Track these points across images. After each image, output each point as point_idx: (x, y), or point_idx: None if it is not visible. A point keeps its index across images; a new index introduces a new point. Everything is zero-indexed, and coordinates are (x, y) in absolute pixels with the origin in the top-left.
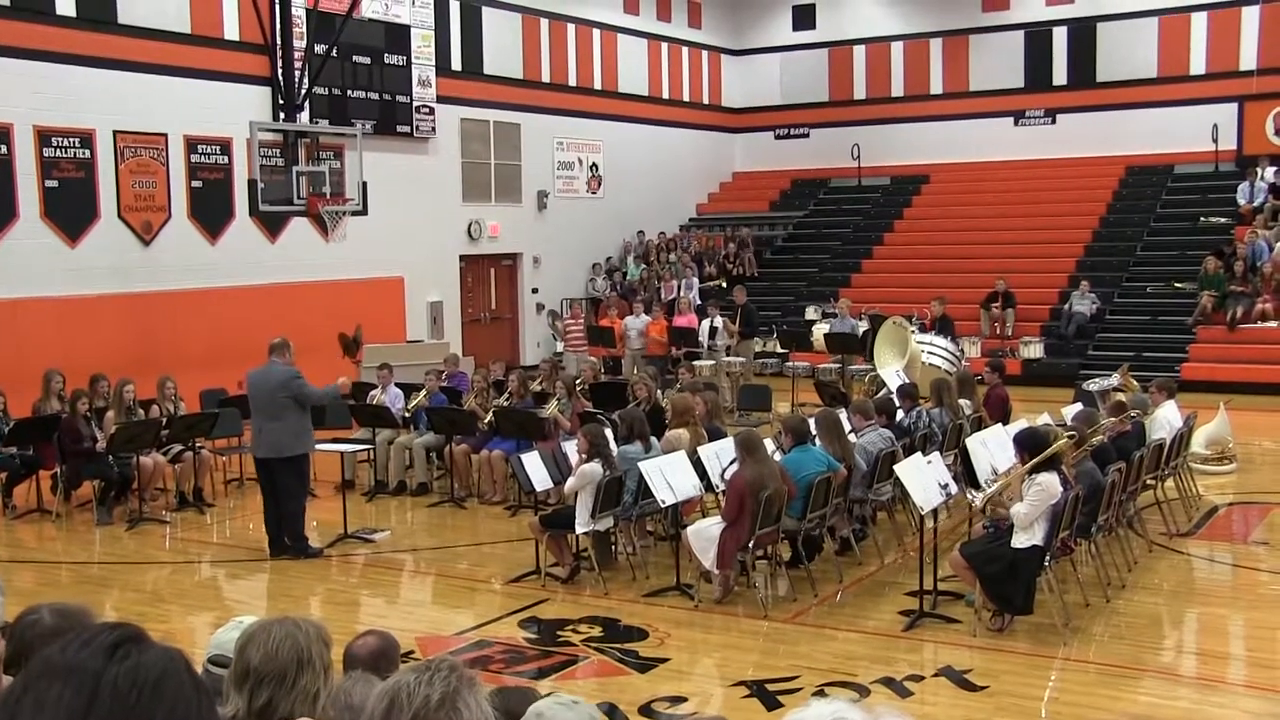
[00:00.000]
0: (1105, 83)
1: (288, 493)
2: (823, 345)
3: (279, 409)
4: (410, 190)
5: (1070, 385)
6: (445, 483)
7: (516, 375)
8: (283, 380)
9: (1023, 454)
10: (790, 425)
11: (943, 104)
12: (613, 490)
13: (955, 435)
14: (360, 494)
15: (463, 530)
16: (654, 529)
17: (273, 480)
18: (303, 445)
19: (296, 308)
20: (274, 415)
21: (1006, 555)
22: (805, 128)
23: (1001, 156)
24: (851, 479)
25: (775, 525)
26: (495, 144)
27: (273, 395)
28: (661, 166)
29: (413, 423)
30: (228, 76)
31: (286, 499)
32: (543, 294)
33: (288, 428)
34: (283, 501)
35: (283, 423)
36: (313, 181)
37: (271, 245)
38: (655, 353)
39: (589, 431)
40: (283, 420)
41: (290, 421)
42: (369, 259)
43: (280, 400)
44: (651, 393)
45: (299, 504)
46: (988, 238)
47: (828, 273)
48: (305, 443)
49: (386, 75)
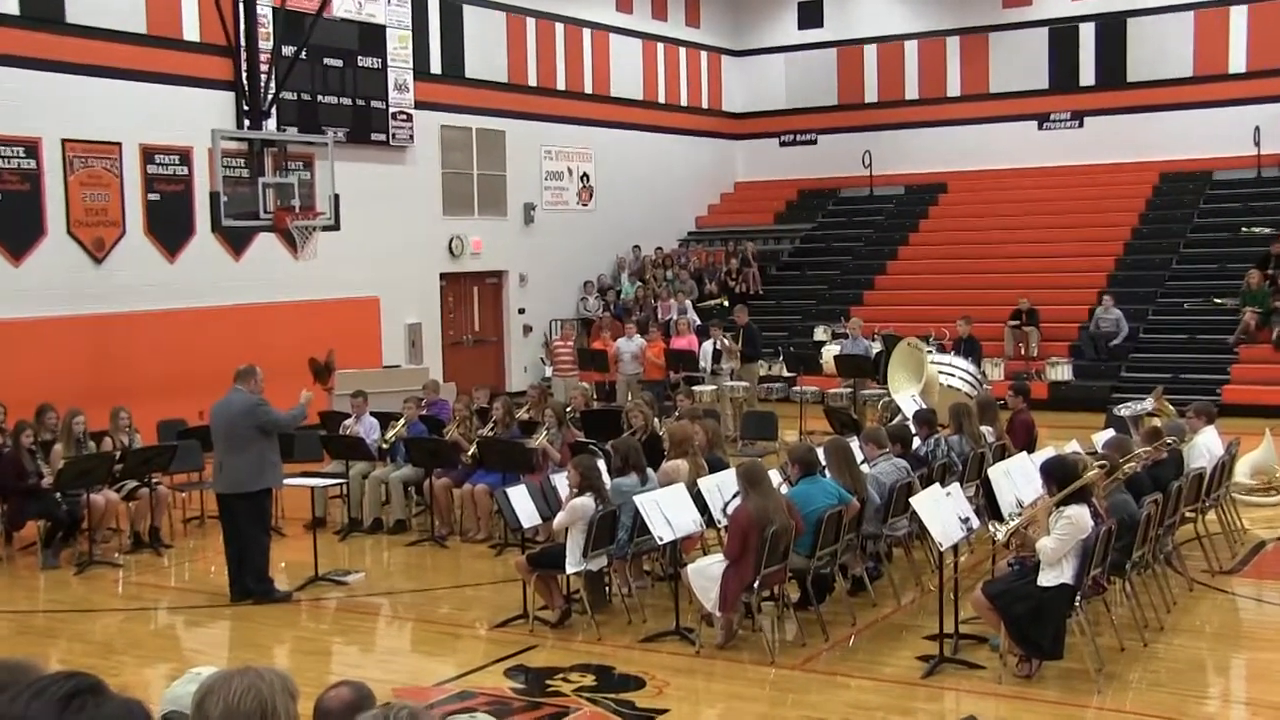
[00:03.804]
0: (1136, 82)
1: (247, 529)
2: (833, 368)
3: (241, 440)
4: (386, 203)
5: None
6: (425, 520)
7: (502, 403)
8: (245, 408)
9: (1050, 484)
10: (797, 455)
11: (961, 107)
12: (606, 526)
13: (976, 465)
14: (332, 532)
15: (444, 571)
16: (651, 568)
17: (234, 518)
18: (265, 480)
19: (263, 331)
20: (235, 447)
21: (1033, 595)
22: (812, 133)
23: (1024, 163)
24: (864, 513)
25: (782, 563)
26: (478, 153)
27: (234, 425)
28: (658, 176)
29: (389, 455)
30: (187, 80)
31: (247, 539)
32: (530, 315)
33: (249, 461)
34: (244, 541)
35: (244, 455)
36: (280, 194)
37: (235, 263)
38: (652, 377)
39: (580, 463)
40: (244, 453)
41: (252, 454)
42: (342, 278)
43: (243, 431)
44: (648, 421)
45: (260, 543)
46: (1010, 251)
47: (838, 290)
48: (268, 477)
49: (360, 79)
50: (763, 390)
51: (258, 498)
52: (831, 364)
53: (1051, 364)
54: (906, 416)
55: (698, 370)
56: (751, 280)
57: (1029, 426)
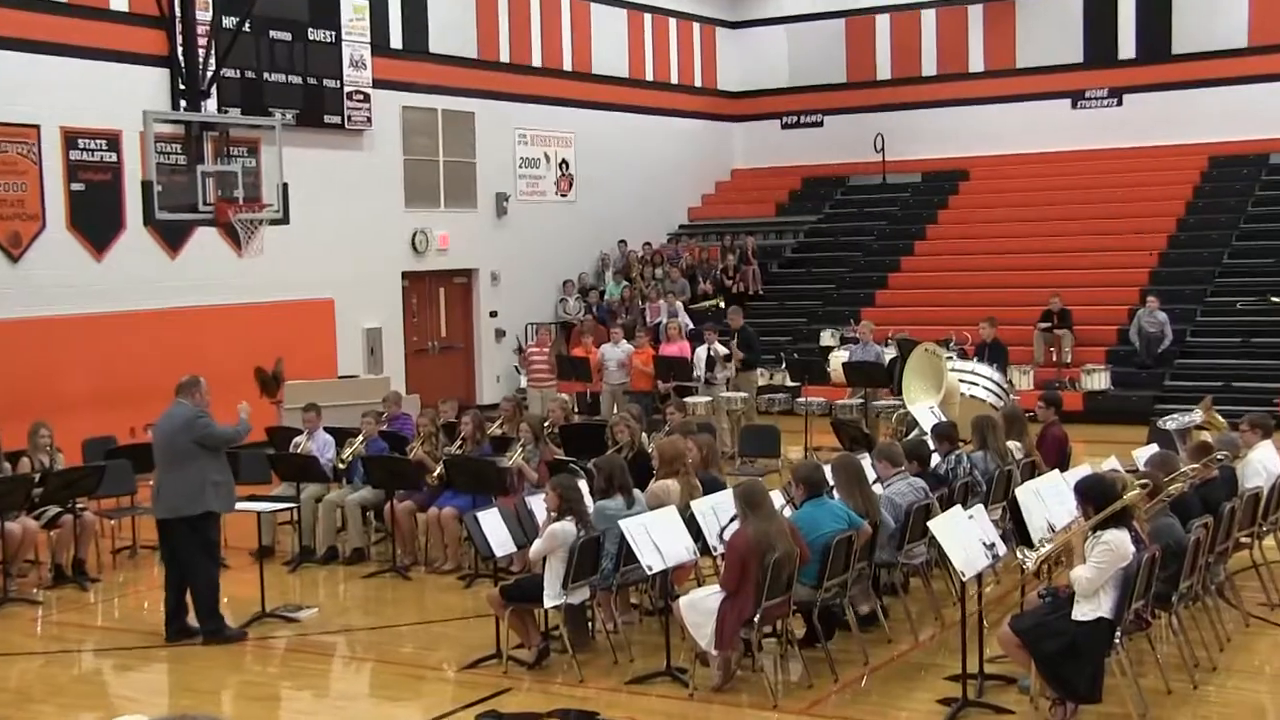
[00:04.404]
0: (1183, 55)
1: (189, 563)
2: (841, 377)
3: (179, 458)
4: (341, 194)
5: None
6: (385, 548)
7: (471, 417)
8: (184, 422)
9: (1086, 506)
10: (802, 474)
11: (984, 84)
12: (589, 555)
13: (1003, 484)
14: (281, 563)
15: (407, 606)
16: (639, 601)
17: (173, 547)
18: (205, 502)
19: (202, 337)
20: (173, 466)
21: (1067, 630)
22: (818, 114)
23: (1056, 146)
24: (877, 538)
25: (785, 595)
26: (444, 137)
27: (171, 441)
28: (645, 163)
29: (346, 476)
30: (115, 56)
31: (189, 571)
32: (503, 318)
33: (188, 481)
34: (186, 573)
35: (182, 474)
36: (221, 184)
37: (171, 262)
38: (639, 388)
39: (559, 484)
40: (182, 471)
41: (191, 474)
42: (291, 278)
43: (181, 447)
44: (635, 436)
45: (207, 575)
46: (1040, 245)
47: (847, 289)
48: (210, 499)
49: (311, 55)
50: (763, 402)
51: (200, 524)
52: (840, 372)
53: (1087, 371)
54: (924, 430)
55: (691, 379)
56: (750, 279)
57: (1061, 441)
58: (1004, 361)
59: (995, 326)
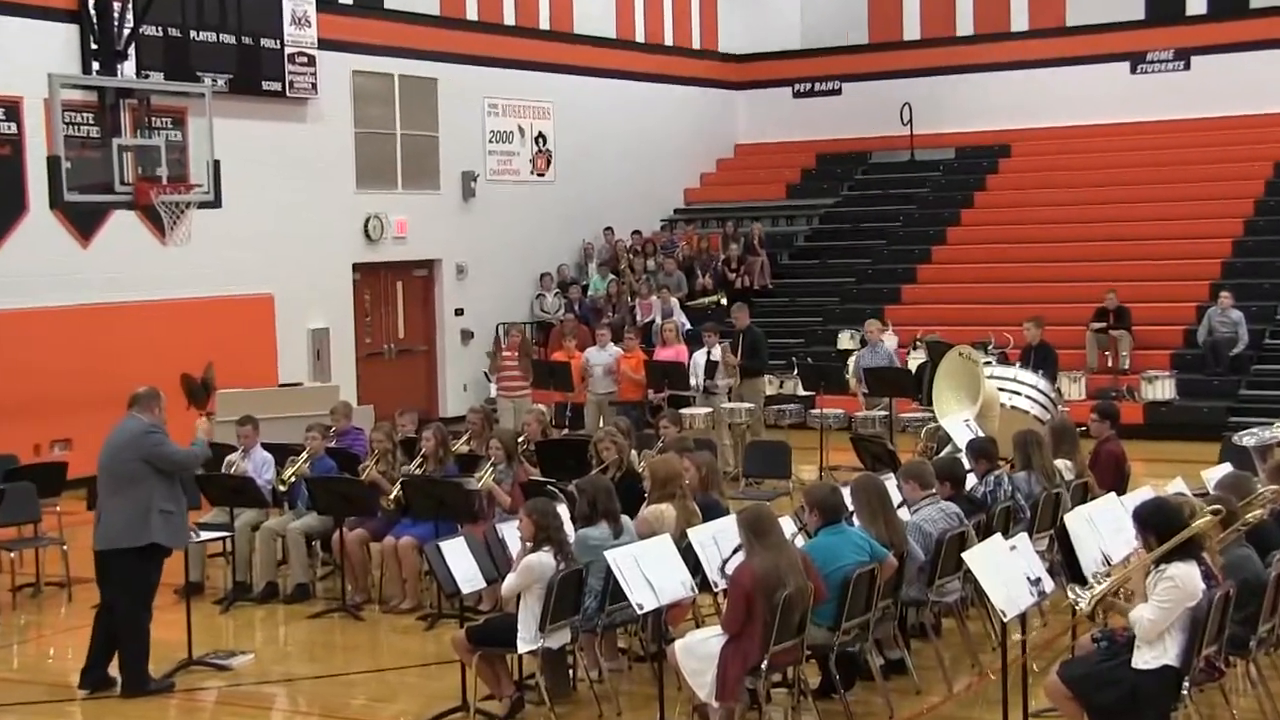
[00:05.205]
0: (1260, 9)
1: (120, 603)
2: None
3: (124, 480)
4: (282, 173)
5: (1215, 438)
6: (334, 583)
7: (434, 431)
8: (131, 438)
9: (1147, 536)
10: (817, 498)
11: (1029, 45)
12: (569, 591)
13: (1050, 509)
14: (212, 602)
15: (359, 651)
16: (628, 645)
17: (108, 584)
18: (151, 533)
19: (120, 339)
20: (116, 488)
21: (1126, 680)
22: (835, 81)
23: (1112, 118)
24: (904, 572)
25: (798, 638)
26: (402, 107)
27: (116, 459)
28: (635, 138)
29: (287, 500)
30: (15, 9)
31: (120, 611)
32: (470, 317)
33: (130, 507)
34: (116, 618)
35: (125, 499)
36: (142, 160)
37: (83, 250)
38: (628, 397)
39: (535, 509)
40: (125, 496)
41: (136, 499)
42: (224, 270)
43: (126, 466)
44: (623, 454)
45: (137, 620)
46: (1093, 232)
47: (868, 284)
48: (154, 530)
49: (246, 11)
50: (771, 414)
51: (141, 559)
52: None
53: (1148, 379)
54: (958, 447)
55: (687, 388)
56: (757, 272)
57: (1119, 460)
58: (1051, 367)
59: (1041, 327)
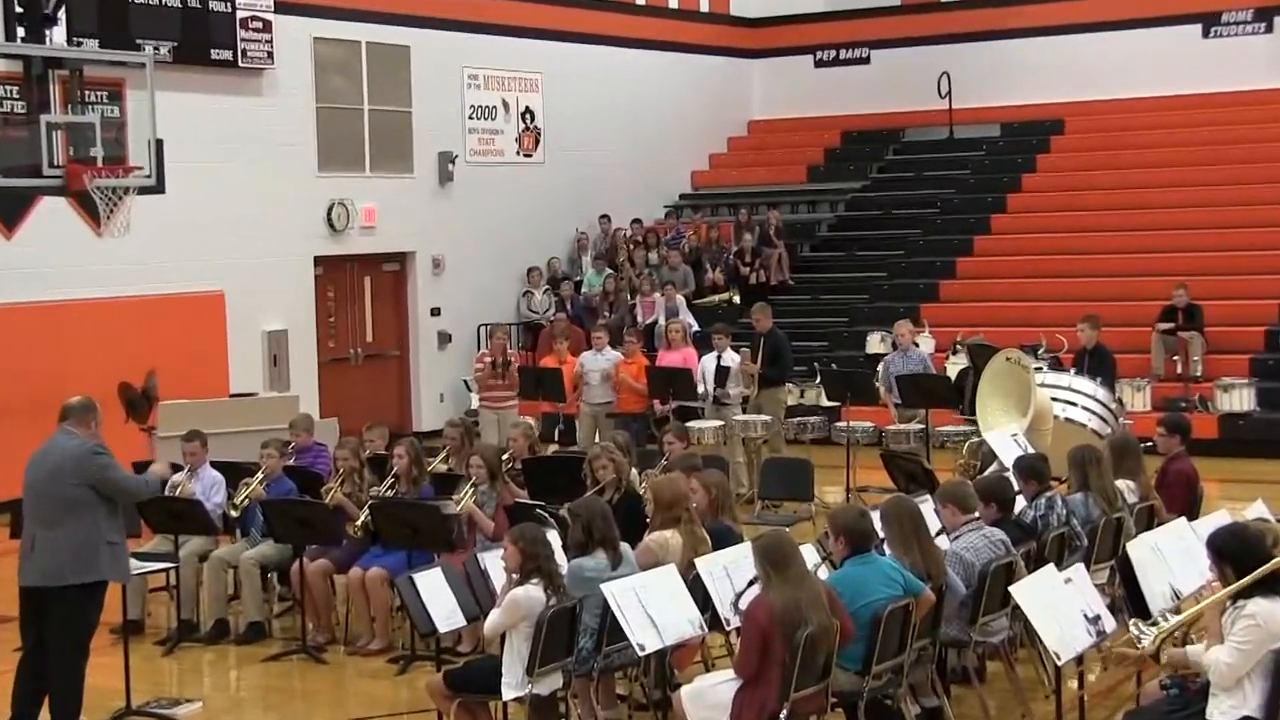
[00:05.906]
0: None
1: (57, 646)
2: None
3: (61, 508)
4: (234, 153)
5: None
6: (293, 621)
7: (407, 448)
8: (74, 458)
9: (1223, 567)
10: (843, 523)
11: (1085, 6)
12: (561, 630)
13: (1110, 537)
14: (154, 642)
15: (321, 698)
16: (628, 692)
17: (40, 624)
18: (98, 569)
19: (50, 343)
20: (53, 517)
21: None
22: (863, 48)
23: (1181, 89)
24: (943, 608)
25: (822, 684)
26: (370, 79)
27: (55, 482)
28: (636, 114)
29: (240, 526)
30: None
31: (56, 655)
32: (448, 318)
33: (75, 539)
34: (51, 662)
35: (67, 530)
36: (74, 140)
37: (6, 242)
38: (628, 408)
39: (522, 536)
40: (63, 527)
41: (78, 529)
42: (168, 264)
43: (67, 492)
44: (622, 473)
45: (74, 664)
46: (1159, 220)
47: (901, 280)
48: (103, 565)
49: None
50: (791, 427)
51: (82, 598)
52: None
53: (1223, 388)
54: (1005, 465)
55: (695, 398)
56: (774, 266)
57: (1190, 480)
58: (1111, 374)
59: (1098, 328)
